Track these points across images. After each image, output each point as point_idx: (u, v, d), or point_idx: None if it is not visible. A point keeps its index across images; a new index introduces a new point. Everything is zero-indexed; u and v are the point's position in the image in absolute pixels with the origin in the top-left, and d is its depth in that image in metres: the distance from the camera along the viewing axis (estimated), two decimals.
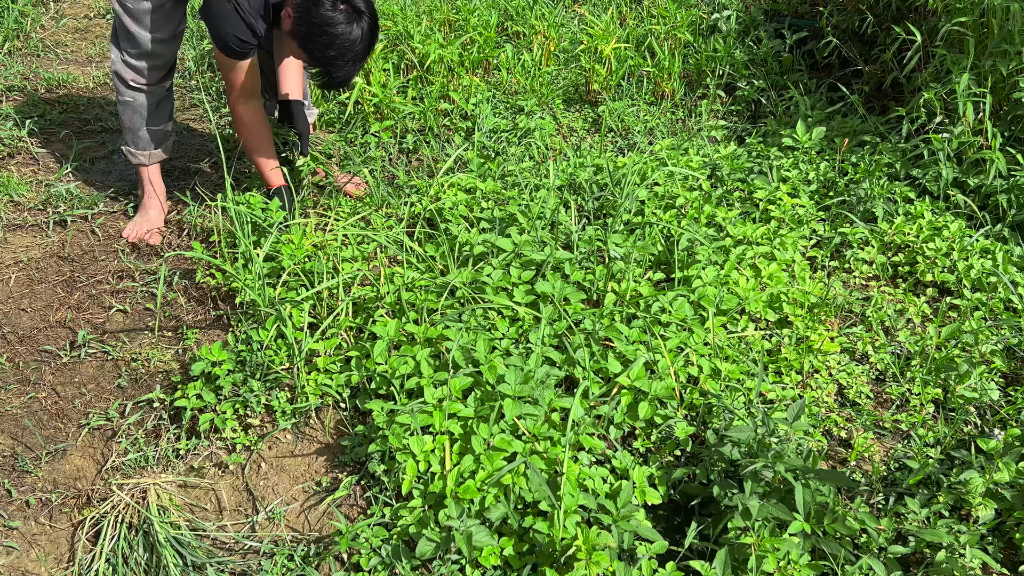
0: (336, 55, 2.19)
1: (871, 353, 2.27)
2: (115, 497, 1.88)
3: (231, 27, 2.23)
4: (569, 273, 2.29)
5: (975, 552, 1.69)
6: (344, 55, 2.20)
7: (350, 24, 2.16)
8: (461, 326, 2.08)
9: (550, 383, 1.95)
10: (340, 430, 2.09)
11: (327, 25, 2.14)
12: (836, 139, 2.98)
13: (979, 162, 2.76)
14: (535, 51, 3.53)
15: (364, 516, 1.89)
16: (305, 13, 2.15)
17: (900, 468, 1.98)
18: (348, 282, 2.28)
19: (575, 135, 3.27)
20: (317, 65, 2.25)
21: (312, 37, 2.17)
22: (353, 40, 2.18)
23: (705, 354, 2.08)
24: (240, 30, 2.25)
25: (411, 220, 2.65)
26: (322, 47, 2.18)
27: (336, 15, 2.14)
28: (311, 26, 2.15)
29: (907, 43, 3.05)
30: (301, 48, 2.23)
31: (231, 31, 2.24)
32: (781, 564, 1.64)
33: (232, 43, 2.26)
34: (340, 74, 2.25)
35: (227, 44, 2.27)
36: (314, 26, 2.15)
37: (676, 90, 3.45)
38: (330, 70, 2.24)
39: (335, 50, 2.18)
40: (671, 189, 2.70)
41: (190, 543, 1.82)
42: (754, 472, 1.68)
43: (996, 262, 2.45)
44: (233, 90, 2.43)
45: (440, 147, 3.11)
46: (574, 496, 1.71)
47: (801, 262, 2.44)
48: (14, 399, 2.15)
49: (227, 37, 2.25)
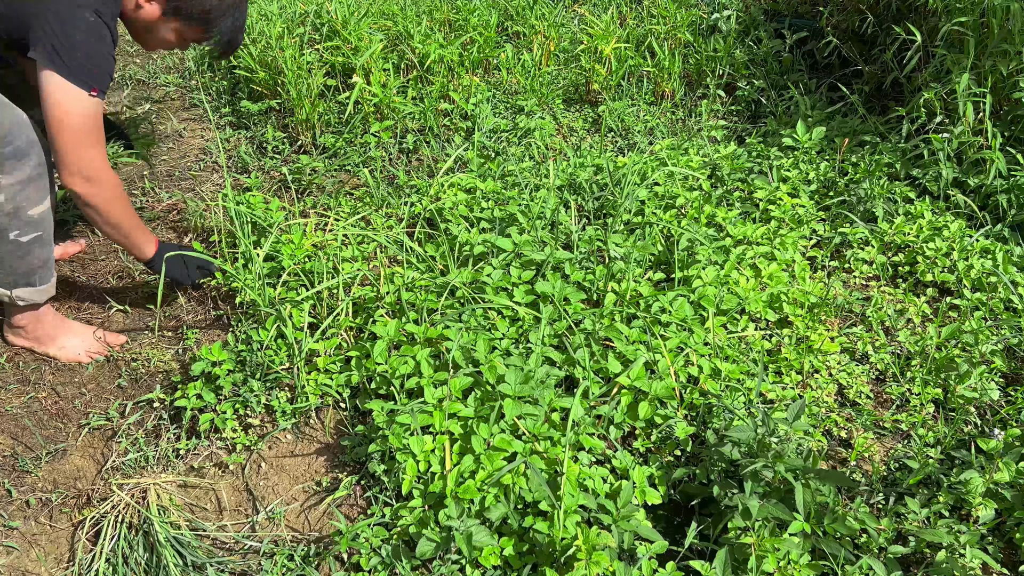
0: (214, 6, 1.95)
1: (871, 353, 2.27)
2: (115, 497, 1.88)
3: (103, 50, 1.81)
4: (569, 273, 2.29)
5: (975, 552, 1.69)
6: (219, 4, 1.96)
7: None
8: (461, 326, 2.08)
9: (550, 383, 1.95)
10: (340, 430, 2.09)
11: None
12: (836, 139, 2.98)
13: (979, 162, 2.76)
14: (535, 51, 3.53)
15: (364, 516, 1.89)
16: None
17: (900, 468, 1.98)
18: (348, 282, 2.28)
19: (575, 135, 3.27)
20: (200, 32, 2.00)
21: (187, 4, 1.92)
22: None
23: (705, 354, 2.08)
24: (108, 58, 1.84)
25: (411, 220, 2.65)
26: (199, 8, 1.93)
27: None
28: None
29: (907, 43, 3.05)
30: (179, 23, 1.96)
31: (106, 57, 1.81)
32: (781, 564, 1.64)
33: (105, 76, 1.83)
34: (227, 26, 2.01)
35: (98, 77, 1.80)
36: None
37: (676, 90, 3.45)
38: (214, 27, 1.99)
39: (211, 2, 1.94)
40: (671, 189, 2.70)
41: (190, 543, 1.82)
42: (754, 472, 1.68)
43: (996, 262, 2.46)
44: (94, 146, 1.86)
45: (440, 147, 3.11)
46: (574, 496, 1.71)
47: (801, 262, 2.44)
48: (14, 399, 2.15)
49: (99, 64, 1.80)
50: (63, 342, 2.24)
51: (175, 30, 1.99)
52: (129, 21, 1.98)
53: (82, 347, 2.25)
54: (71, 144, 1.83)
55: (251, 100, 3.28)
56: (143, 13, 1.93)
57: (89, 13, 1.77)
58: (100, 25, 1.80)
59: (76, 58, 1.76)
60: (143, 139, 2.76)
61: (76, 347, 2.24)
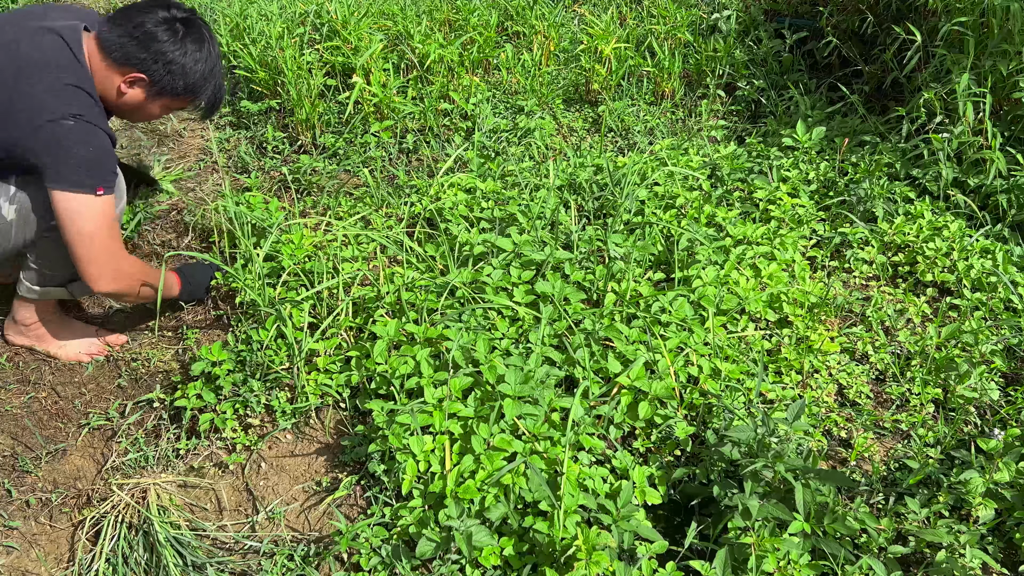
0: (197, 80, 1.99)
1: (871, 353, 2.27)
2: (115, 497, 1.88)
3: (94, 149, 1.84)
4: (569, 273, 2.29)
5: (975, 552, 1.69)
6: (201, 72, 1.99)
7: (178, 41, 1.93)
8: (461, 326, 2.08)
9: (550, 383, 1.95)
10: (340, 430, 2.09)
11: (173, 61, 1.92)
12: (836, 139, 2.98)
13: (979, 162, 2.76)
14: (535, 51, 3.53)
15: (364, 516, 1.89)
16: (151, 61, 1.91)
17: (900, 468, 1.98)
18: (348, 282, 2.28)
19: (575, 135, 3.27)
20: (187, 102, 2.04)
21: (170, 80, 1.95)
22: (197, 53, 1.97)
23: (705, 354, 2.08)
24: (108, 145, 1.89)
25: (411, 220, 2.65)
26: (182, 83, 1.97)
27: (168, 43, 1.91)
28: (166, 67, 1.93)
29: (907, 43, 3.05)
30: (166, 100, 2.01)
31: (100, 154, 1.85)
32: (781, 564, 1.64)
33: (104, 172, 1.86)
34: (211, 90, 2.05)
35: (97, 176, 1.84)
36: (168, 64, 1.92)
37: (676, 90, 3.45)
38: (200, 94, 2.03)
39: (194, 76, 1.97)
40: (671, 189, 2.70)
41: (190, 543, 1.82)
42: (754, 472, 1.68)
43: (996, 262, 2.45)
44: (112, 247, 1.92)
45: (440, 147, 3.11)
46: (574, 496, 1.71)
47: (801, 262, 2.44)
48: (14, 399, 2.15)
49: (93, 164, 1.83)
50: (64, 341, 2.25)
51: (162, 106, 2.03)
52: (114, 106, 1.99)
53: (82, 347, 2.25)
54: (92, 254, 1.88)
55: (251, 100, 3.28)
56: (127, 98, 1.97)
57: (67, 120, 1.79)
58: (83, 126, 1.82)
59: (70, 167, 1.80)
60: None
61: (76, 346, 2.25)
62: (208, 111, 2.11)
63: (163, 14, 1.92)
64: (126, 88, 1.94)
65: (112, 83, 1.93)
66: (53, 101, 1.80)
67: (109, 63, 1.91)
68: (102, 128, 1.87)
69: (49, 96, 1.80)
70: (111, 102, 1.97)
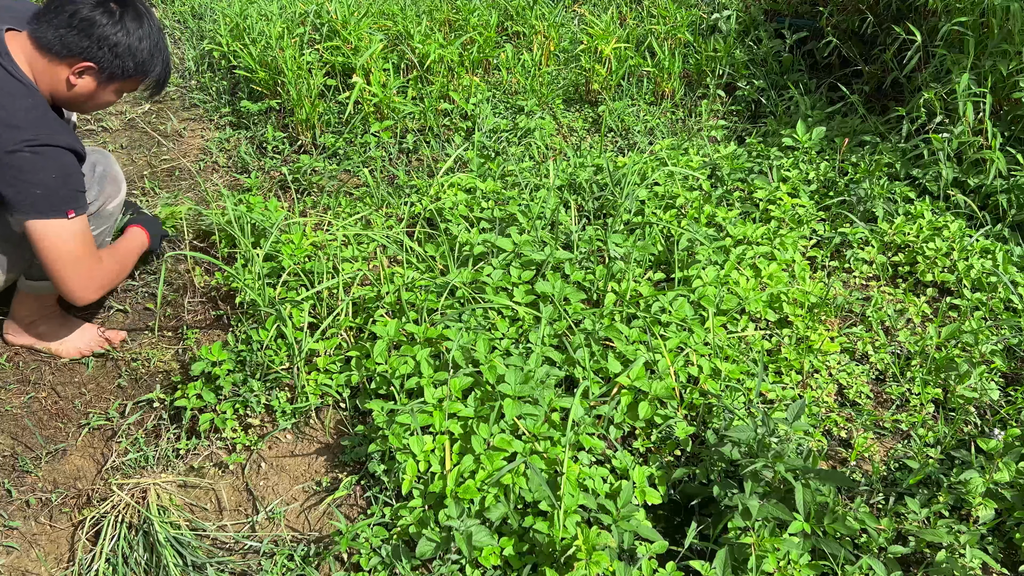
0: (145, 58, 1.94)
1: (871, 353, 2.27)
2: (115, 497, 1.88)
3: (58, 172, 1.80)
4: (569, 273, 2.29)
5: (975, 552, 1.69)
6: (147, 49, 1.94)
7: (118, 22, 1.87)
8: (461, 326, 2.08)
9: (550, 383, 1.95)
10: (340, 430, 2.09)
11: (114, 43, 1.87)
12: (836, 139, 2.98)
13: (979, 162, 2.76)
14: (535, 51, 3.53)
15: (364, 516, 1.89)
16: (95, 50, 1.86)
17: (900, 468, 1.98)
18: (348, 282, 2.28)
19: (575, 135, 3.27)
20: (138, 82, 1.99)
21: (119, 63, 1.90)
22: (140, 31, 1.91)
23: (705, 354, 2.08)
24: (74, 163, 1.85)
25: (411, 220, 2.65)
26: (131, 62, 1.92)
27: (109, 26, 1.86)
28: None
29: (907, 43, 3.05)
30: (117, 83, 1.95)
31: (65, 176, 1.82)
32: (781, 564, 1.64)
33: (72, 194, 1.84)
34: (159, 65, 2.00)
35: (65, 200, 1.82)
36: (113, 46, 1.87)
37: (676, 90, 3.45)
38: (150, 71, 1.98)
39: (141, 54, 1.93)
40: (671, 189, 2.70)
41: (190, 543, 1.82)
42: (754, 472, 1.68)
43: (996, 262, 2.46)
44: (88, 264, 1.92)
45: (440, 147, 3.11)
46: (574, 496, 1.71)
47: (801, 262, 2.44)
48: (14, 399, 2.15)
49: (59, 188, 1.81)
50: (64, 338, 2.25)
51: (114, 90, 1.98)
52: (65, 100, 1.94)
53: (81, 341, 2.26)
54: (68, 275, 1.89)
55: (251, 100, 3.28)
56: (78, 89, 1.91)
57: (27, 151, 1.76)
58: (43, 152, 1.78)
59: (37, 196, 1.78)
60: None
61: (76, 341, 2.26)
62: (158, 87, 2.05)
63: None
64: (75, 79, 1.88)
65: (59, 78, 1.87)
66: (6, 133, 1.75)
67: (51, 58, 1.85)
68: (62, 145, 1.81)
69: (2, 128, 1.76)
70: (62, 97, 1.92)
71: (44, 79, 1.87)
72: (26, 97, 1.81)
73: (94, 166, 2.08)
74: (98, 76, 1.91)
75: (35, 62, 1.86)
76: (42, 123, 1.81)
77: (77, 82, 1.89)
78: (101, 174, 2.08)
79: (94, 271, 1.95)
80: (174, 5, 4.07)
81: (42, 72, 1.86)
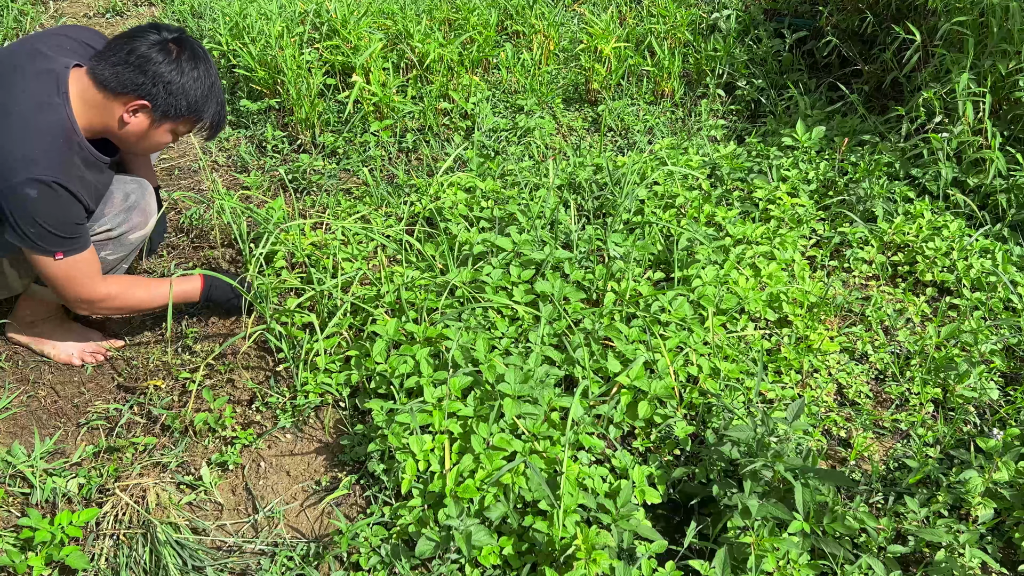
0: (199, 98, 1.95)
1: (871, 353, 2.27)
2: (115, 497, 1.88)
3: (51, 214, 1.81)
4: (569, 272, 2.29)
5: (974, 551, 1.69)
6: (202, 90, 1.95)
7: (174, 60, 1.89)
8: (461, 325, 2.08)
9: (550, 382, 1.95)
10: (340, 429, 2.09)
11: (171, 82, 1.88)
12: (836, 138, 2.98)
13: (979, 162, 2.76)
14: (535, 50, 3.53)
15: (364, 515, 1.89)
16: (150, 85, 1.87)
17: (900, 468, 1.98)
18: (348, 282, 2.28)
19: (575, 134, 3.27)
20: (192, 124, 2.00)
21: (173, 101, 1.90)
22: (195, 72, 1.93)
23: (705, 353, 2.08)
24: (77, 213, 1.87)
25: (411, 219, 2.65)
26: (184, 103, 1.92)
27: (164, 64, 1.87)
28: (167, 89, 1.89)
29: (907, 43, 3.05)
30: (170, 123, 1.95)
31: (59, 218, 1.83)
32: (780, 563, 1.64)
33: (59, 240, 1.85)
34: (214, 109, 2.01)
35: (54, 242, 1.85)
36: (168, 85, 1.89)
37: (676, 89, 3.45)
38: (204, 114, 1.99)
39: (195, 94, 1.93)
40: (671, 188, 2.70)
41: (190, 543, 1.82)
42: (754, 471, 1.68)
43: (996, 262, 2.46)
44: (86, 285, 1.96)
45: (440, 146, 3.11)
46: (574, 495, 1.71)
47: (801, 262, 2.44)
48: (14, 398, 2.15)
49: (49, 231, 1.82)
50: (59, 342, 2.25)
51: (168, 131, 1.98)
52: (119, 138, 1.95)
53: (76, 348, 2.26)
54: (62, 291, 1.96)
55: (250, 99, 3.28)
56: (131, 128, 1.92)
57: (31, 190, 1.76)
58: (44, 195, 1.78)
59: (31, 235, 1.81)
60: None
61: (70, 348, 2.26)
62: (213, 130, 2.06)
63: (154, 37, 1.88)
64: (129, 117, 1.89)
65: (113, 115, 1.88)
66: (23, 166, 1.75)
67: (106, 94, 1.86)
68: (61, 185, 1.79)
69: (20, 161, 1.76)
70: (114, 134, 1.93)
71: (99, 116, 1.88)
72: (58, 137, 1.82)
73: (127, 195, 2.08)
74: (151, 114, 1.91)
75: (91, 97, 1.86)
76: (62, 166, 1.81)
77: (131, 120, 1.90)
78: (132, 204, 2.08)
79: (94, 292, 1.98)
80: (174, 4, 4.07)
81: (97, 108, 1.87)
